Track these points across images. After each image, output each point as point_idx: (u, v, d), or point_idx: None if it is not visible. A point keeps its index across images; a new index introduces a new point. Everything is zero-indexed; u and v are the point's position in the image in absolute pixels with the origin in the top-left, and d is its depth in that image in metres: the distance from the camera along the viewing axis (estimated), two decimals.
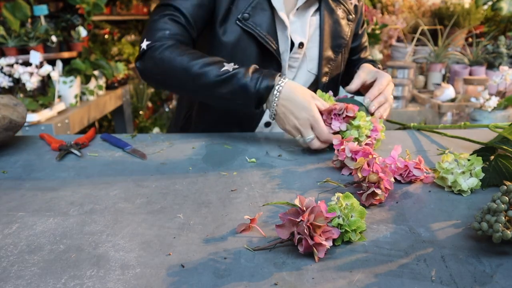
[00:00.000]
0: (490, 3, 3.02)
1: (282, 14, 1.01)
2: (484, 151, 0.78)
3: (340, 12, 1.10)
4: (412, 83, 2.67)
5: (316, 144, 0.88)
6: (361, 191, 0.67)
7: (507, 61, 2.78)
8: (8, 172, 0.83)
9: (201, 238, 0.58)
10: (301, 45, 1.07)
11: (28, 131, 2.04)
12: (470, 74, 2.72)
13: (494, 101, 2.13)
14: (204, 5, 0.98)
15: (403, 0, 3.15)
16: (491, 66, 2.78)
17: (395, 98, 2.53)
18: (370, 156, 0.74)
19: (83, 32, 2.58)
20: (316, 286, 0.48)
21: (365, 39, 1.26)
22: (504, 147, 0.76)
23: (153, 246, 0.56)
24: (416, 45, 2.96)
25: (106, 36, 3.32)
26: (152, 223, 0.62)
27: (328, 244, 0.52)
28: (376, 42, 2.53)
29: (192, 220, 0.63)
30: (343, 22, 1.11)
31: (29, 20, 2.42)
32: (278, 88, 0.88)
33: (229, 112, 1.10)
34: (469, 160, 0.71)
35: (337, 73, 1.16)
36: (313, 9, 1.08)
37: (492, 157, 0.76)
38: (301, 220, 0.52)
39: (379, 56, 2.58)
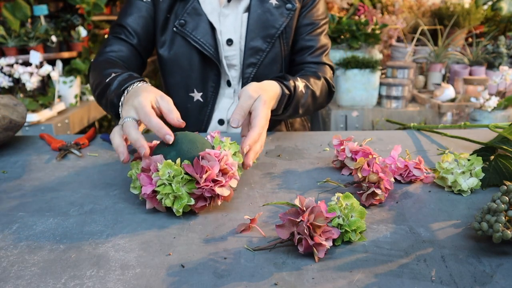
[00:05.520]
0: (490, 3, 3.02)
1: (211, 17, 1.05)
2: (484, 151, 0.78)
3: (273, 1, 1.05)
4: (412, 83, 2.67)
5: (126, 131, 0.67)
6: (361, 191, 0.67)
7: (507, 61, 2.78)
8: (8, 172, 0.83)
9: (201, 238, 0.58)
10: (229, 41, 1.07)
11: (28, 131, 2.04)
12: (470, 74, 2.72)
13: (494, 101, 2.13)
14: (144, 17, 1.06)
15: (403, 0, 3.15)
16: (491, 66, 2.78)
17: (395, 98, 2.53)
18: (370, 156, 0.74)
19: (83, 32, 2.58)
20: (316, 286, 0.48)
21: (321, 40, 1.11)
22: (504, 147, 0.76)
23: (153, 246, 0.56)
24: (416, 45, 2.96)
25: (106, 36, 3.32)
26: (152, 223, 0.62)
27: (328, 244, 0.52)
28: (376, 42, 2.52)
29: (192, 220, 0.63)
30: (277, 11, 1.05)
31: (29, 20, 2.43)
32: (126, 92, 0.79)
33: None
34: (469, 160, 0.71)
35: (275, 67, 1.09)
36: (245, 2, 1.06)
37: (492, 157, 0.76)
38: (301, 220, 0.52)
39: (379, 56, 2.58)
